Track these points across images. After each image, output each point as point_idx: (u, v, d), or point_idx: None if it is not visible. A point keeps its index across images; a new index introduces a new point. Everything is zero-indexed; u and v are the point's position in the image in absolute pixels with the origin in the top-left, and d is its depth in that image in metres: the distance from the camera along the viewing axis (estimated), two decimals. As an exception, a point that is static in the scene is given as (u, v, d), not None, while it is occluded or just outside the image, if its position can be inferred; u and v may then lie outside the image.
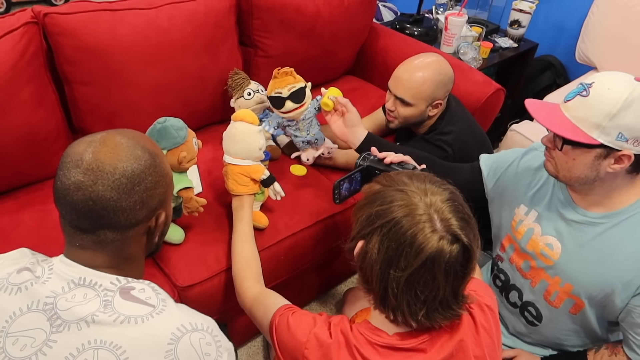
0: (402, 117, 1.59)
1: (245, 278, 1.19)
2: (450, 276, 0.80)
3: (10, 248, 1.29)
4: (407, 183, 0.86)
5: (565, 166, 1.07)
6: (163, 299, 0.80)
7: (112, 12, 1.46)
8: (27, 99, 1.37)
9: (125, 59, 1.49)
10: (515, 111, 2.71)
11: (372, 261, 0.83)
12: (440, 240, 0.79)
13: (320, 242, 1.56)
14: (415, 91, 1.52)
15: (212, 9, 1.62)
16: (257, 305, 1.10)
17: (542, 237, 1.20)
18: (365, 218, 0.86)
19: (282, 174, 1.64)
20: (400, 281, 0.80)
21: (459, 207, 0.83)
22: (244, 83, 1.65)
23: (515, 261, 1.28)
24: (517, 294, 1.29)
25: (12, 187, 1.49)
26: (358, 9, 1.99)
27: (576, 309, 1.18)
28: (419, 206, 0.81)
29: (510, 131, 2.15)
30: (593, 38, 2.30)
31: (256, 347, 1.77)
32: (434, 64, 1.53)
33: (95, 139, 0.78)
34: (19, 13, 1.37)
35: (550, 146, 1.10)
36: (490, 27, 2.52)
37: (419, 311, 0.82)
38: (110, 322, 0.73)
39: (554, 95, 2.20)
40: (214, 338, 0.80)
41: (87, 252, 0.79)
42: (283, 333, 0.96)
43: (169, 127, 1.19)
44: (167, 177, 0.85)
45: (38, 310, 0.75)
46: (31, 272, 0.78)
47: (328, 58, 2.04)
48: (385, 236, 0.81)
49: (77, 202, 0.75)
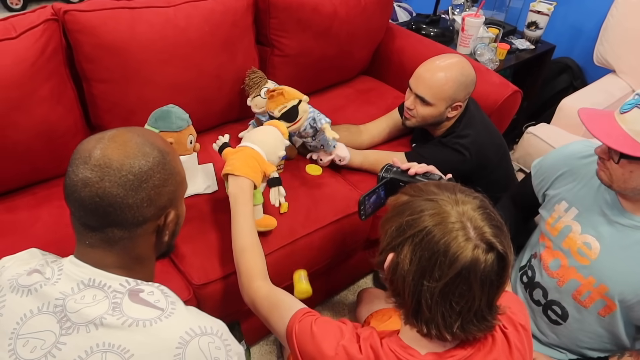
0: (421, 117, 1.58)
1: (252, 277, 1.12)
2: (486, 286, 0.78)
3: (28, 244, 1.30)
4: (437, 192, 0.85)
5: (621, 178, 1.05)
6: (172, 302, 0.79)
7: (131, 10, 1.47)
8: (47, 95, 1.38)
9: (143, 57, 1.50)
10: (531, 113, 2.68)
11: (404, 272, 0.81)
12: (475, 249, 0.77)
13: (336, 242, 1.56)
14: (436, 91, 1.51)
15: (230, 7, 1.63)
16: (269, 307, 1.04)
17: (581, 235, 1.19)
18: (395, 229, 0.83)
19: (298, 173, 1.64)
20: (435, 292, 0.78)
21: (490, 215, 0.82)
22: (261, 82, 1.65)
23: (544, 259, 1.27)
24: (542, 292, 1.28)
25: (31, 182, 1.51)
26: (375, 9, 1.98)
27: (606, 311, 1.17)
28: (451, 214, 0.80)
29: (527, 134, 2.14)
30: (612, 40, 2.27)
31: (269, 346, 1.76)
32: (457, 65, 1.52)
33: (105, 136, 0.78)
34: (39, 10, 1.38)
35: (605, 157, 1.07)
36: (507, 28, 2.50)
37: (454, 323, 0.79)
38: (118, 325, 0.73)
39: (572, 99, 2.17)
40: (224, 342, 0.78)
41: (96, 250, 0.79)
42: (307, 343, 0.92)
43: (172, 112, 1.25)
44: (178, 176, 0.84)
45: (48, 312, 0.75)
46: (41, 273, 0.78)
47: (344, 58, 2.04)
48: (418, 246, 0.79)
49: (85, 199, 0.75)
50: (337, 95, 2.09)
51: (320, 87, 2.10)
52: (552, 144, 2.02)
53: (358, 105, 2.03)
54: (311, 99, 2.03)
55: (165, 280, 1.29)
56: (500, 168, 1.72)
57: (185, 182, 0.90)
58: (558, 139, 2.03)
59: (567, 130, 2.11)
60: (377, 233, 1.72)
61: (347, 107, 2.02)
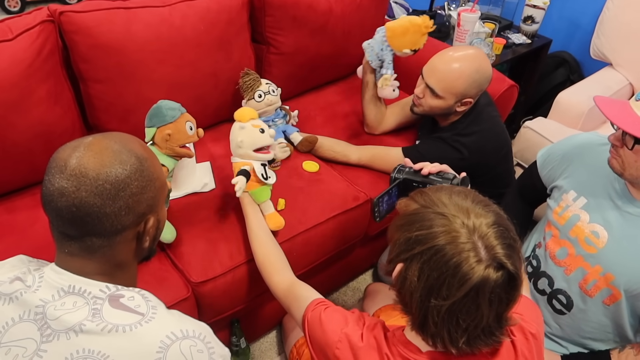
0: (428, 107, 1.56)
1: (270, 274, 1.20)
2: (495, 304, 0.76)
3: (27, 244, 1.33)
4: (447, 204, 0.81)
5: (634, 165, 1.06)
6: (153, 306, 0.78)
7: (126, 10, 1.47)
8: (44, 96, 1.39)
9: (139, 56, 1.50)
10: (529, 107, 2.69)
11: (411, 288, 0.80)
12: (486, 269, 0.74)
13: (334, 238, 1.56)
14: (447, 84, 1.48)
15: (225, 6, 1.63)
16: (290, 298, 1.10)
17: (589, 224, 1.20)
18: (404, 242, 0.81)
19: (295, 170, 1.65)
20: (442, 310, 0.77)
21: (504, 232, 0.78)
22: (255, 84, 1.65)
23: (551, 248, 1.28)
24: (547, 282, 1.29)
25: (29, 183, 1.52)
26: (370, 5, 1.98)
27: (611, 300, 1.18)
28: (461, 233, 0.76)
29: (524, 128, 2.14)
30: (608, 34, 2.27)
31: (268, 342, 1.77)
32: (473, 61, 1.48)
33: (81, 144, 0.77)
34: (35, 12, 1.39)
35: (619, 144, 1.08)
36: (503, 23, 2.49)
37: (460, 338, 0.78)
38: (98, 331, 0.73)
39: (568, 92, 2.17)
40: (207, 345, 0.77)
41: (76, 259, 0.78)
42: (315, 329, 0.96)
43: (161, 106, 1.27)
44: (157, 182, 0.82)
45: (29, 320, 0.75)
46: (22, 281, 0.78)
47: (340, 55, 2.04)
48: (426, 264, 0.77)
49: (62, 209, 0.74)
50: (333, 92, 2.10)
51: (316, 84, 2.10)
52: (550, 138, 2.03)
53: (354, 102, 2.03)
54: (307, 96, 2.06)
55: (163, 278, 1.31)
56: (502, 166, 1.71)
57: (166, 186, 0.88)
58: (555, 133, 2.03)
59: (564, 123, 2.12)
60: (375, 229, 1.73)
61: (343, 103, 2.03)
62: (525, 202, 1.50)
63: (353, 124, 1.91)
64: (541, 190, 1.40)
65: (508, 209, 0.86)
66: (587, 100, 2.08)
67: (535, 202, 1.50)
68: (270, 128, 1.68)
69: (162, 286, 1.29)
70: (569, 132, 2.01)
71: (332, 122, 1.91)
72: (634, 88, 2.29)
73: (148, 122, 1.28)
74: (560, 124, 2.12)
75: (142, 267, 1.07)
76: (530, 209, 1.52)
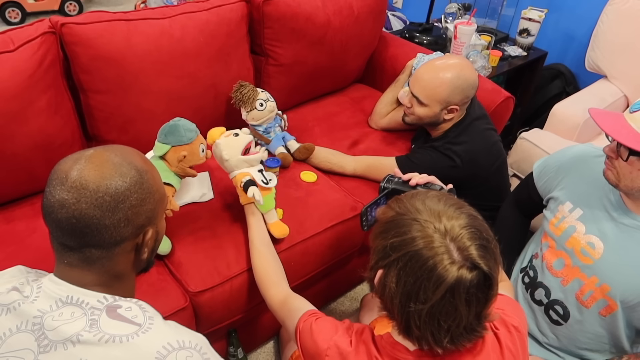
0: (417, 116, 1.62)
1: (267, 287, 1.22)
2: (473, 304, 0.78)
3: (26, 254, 1.33)
4: (421, 210, 0.83)
5: (629, 176, 1.07)
6: (150, 317, 0.79)
7: (127, 22, 1.49)
8: (44, 106, 1.40)
9: (139, 67, 1.52)
10: (525, 119, 2.71)
11: (391, 294, 0.82)
12: (459, 270, 0.76)
13: (332, 248, 1.57)
14: (429, 92, 1.54)
15: (224, 18, 1.65)
16: (285, 311, 1.12)
17: (585, 235, 1.21)
18: (382, 249, 0.84)
19: (293, 180, 1.66)
20: (422, 314, 0.79)
21: (477, 233, 0.80)
22: (254, 94, 1.66)
23: (547, 258, 1.29)
24: (544, 292, 1.29)
25: (29, 193, 1.52)
26: (368, 18, 2.01)
27: (607, 311, 1.18)
28: (434, 237, 0.78)
29: (520, 139, 2.16)
30: (603, 46, 2.30)
31: (266, 353, 1.77)
32: (455, 68, 1.53)
33: (82, 156, 0.78)
34: (37, 23, 1.40)
35: (613, 156, 1.09)
36: (499, 35, 2.53)
37: (444, 339, 0.80)
38: (95, 342, 0.73)
39: (564, 104, 2.20)
40: (203, 356, 0.77)
41: (75, 270, 0.79)
42: (306, 339, 0.98)
43: (180, 125, 1.30)
44: (156, 194, 0.83)
45: (27, 330, 0.75)
46: (19, 292, 0.78)
47: (338, 66, 2.06)
48: (403, 270, 0.79)
49: (61, 220, 0.75)
50: (331, 103, 2.12)
51: (314, 95, 2.12)
52: (546, 149, 2.04)
53: (352, 113, 2.06)
54: (306, 107, 2.08)
55: (161, 287, 1.31)
56: (495, 178, 1.72)
57: (166, 198, 0.89)
58: (551, 144, 2.05)
59: (560, 135, 2.14)
60: (372, 239, 1.73)
61: (341, 114, 2.04)
62: (522, 213, 1.51)
63: (351, 135, 1.92)
64: (537, 201, 1.41)
65: (505, 220, 0.87)
66: (582, 112, 2.10)
67: (531, 213, 1.51)
68: (270, 135, 1.71)
69: (160, 296, 1.29)
70: (564, 143, 2.03)
71: (329, 132, 1.92)
72: (629, 100, 2.32)
73: (163, 138, 1.29)
74: (556, 135, 2.14)
75: (141, 276, 1.08)
76: (527, 220, 1.53)
